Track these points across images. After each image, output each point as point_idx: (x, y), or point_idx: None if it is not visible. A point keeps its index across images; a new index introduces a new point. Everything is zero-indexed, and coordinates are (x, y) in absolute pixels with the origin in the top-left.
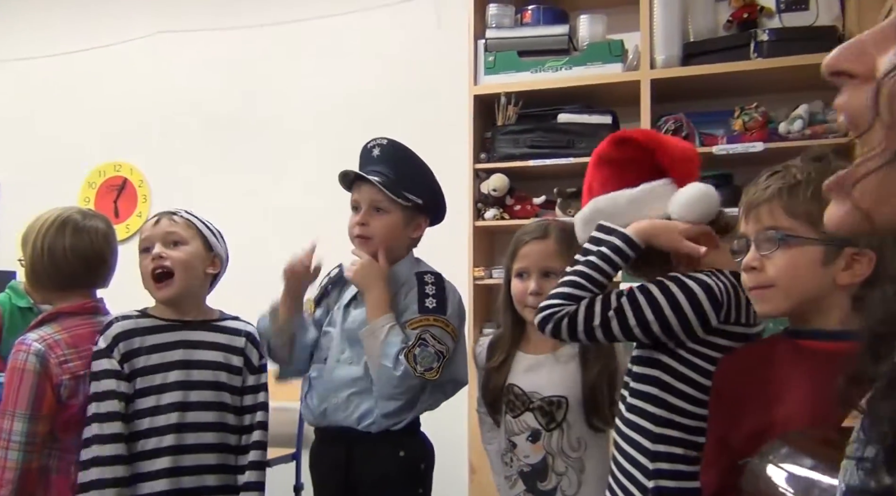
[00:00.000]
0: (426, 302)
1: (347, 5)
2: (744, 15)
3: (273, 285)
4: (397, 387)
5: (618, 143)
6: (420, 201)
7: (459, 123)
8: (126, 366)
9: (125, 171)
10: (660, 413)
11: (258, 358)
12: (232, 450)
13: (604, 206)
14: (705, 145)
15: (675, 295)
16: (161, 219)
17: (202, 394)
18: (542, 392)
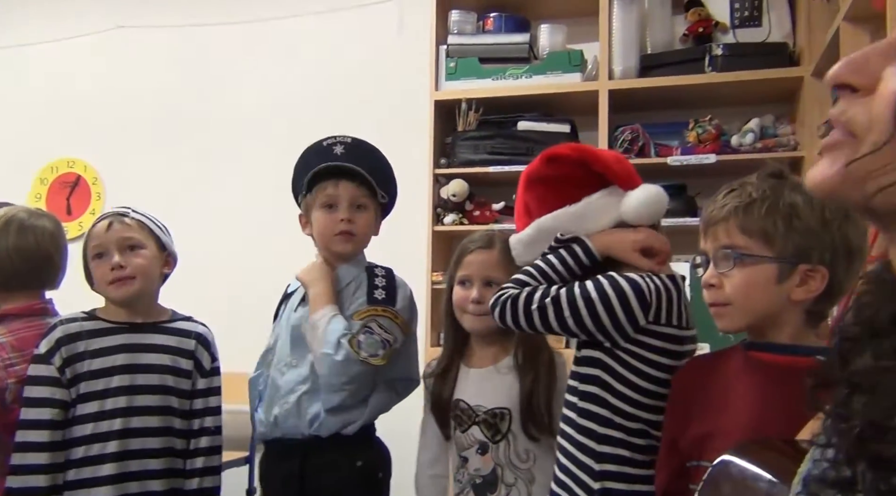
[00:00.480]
0: (375, 293)
1: (309, 7)
2: (699, 29)
3: (228, 283)
4: (340, 376)
5: (549, 161)
6: (387, 200)
7: (420, 128)
8: (68, 371)
9: (79, 167)
10: (603, 413)
11: (210, 360)
12: (180, 455)
13: (548, 226)
14: (660, 156)
15: (606, 291)
16: (112, 222)
17: (147, 398)
18: (485, 405)
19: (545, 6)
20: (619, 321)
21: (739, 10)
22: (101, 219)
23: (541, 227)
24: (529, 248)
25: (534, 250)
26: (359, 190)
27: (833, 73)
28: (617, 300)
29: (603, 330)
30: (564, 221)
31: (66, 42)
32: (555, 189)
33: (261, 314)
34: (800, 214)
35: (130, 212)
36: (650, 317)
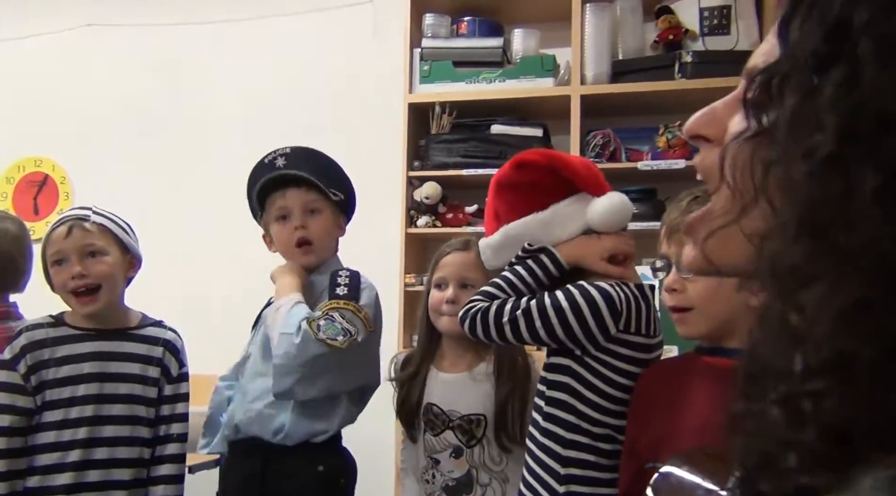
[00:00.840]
0: (337, 289)
1: (283, 8)
2: (669, 36)
3: (195, 285)
4: (296, 357)
5: (518, 167)
6: (342, 197)
7: (394, 131)
8: (33, 378)
9: (46, 166)
10: (570, 419)
11: (178, 367)
12: (146, 465)
13: (516, 232)
14: (631, 161)
15: (577, 301)
16: (72, 227)
17: (115, 407)
18: (460, 410)
19: (519, 11)
20: (590, 330)
21: (709, 18)
22: (60, 223)
23: (508, 233)
24: (497, 254)
25: (502, 256)
26: (308, 195)
27: (687, 126)
28: (588, 310)
29: (574, 339)
30: (532, 228)
31: (34, 39)
32: (524, 195)
33: (230, 317)
34: None
35: (91, 214)
36: (620, 325)
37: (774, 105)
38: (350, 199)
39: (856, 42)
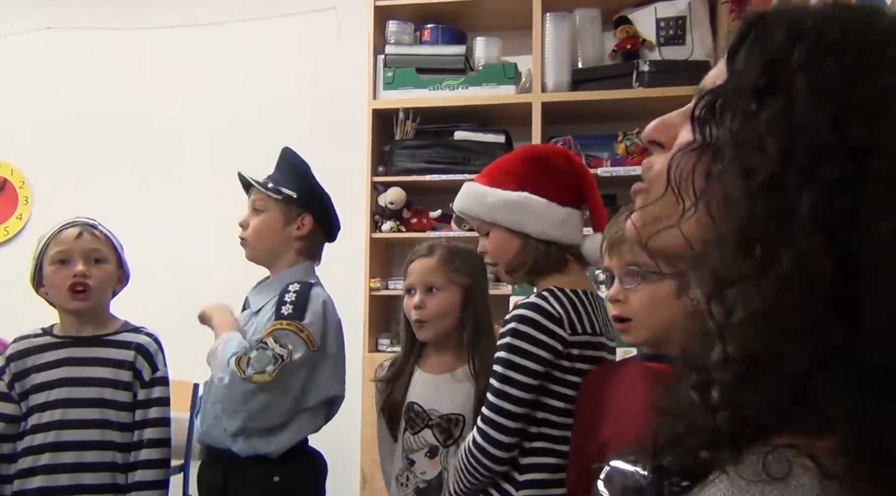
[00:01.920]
0: (282, 309)
1: (247, 12)
2: (627, 46)
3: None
4: (230, 399)
5: (565, 158)
6: (293, 194)
7: (358, 136)
8: (17, 385)
9: (5, 170)
10: (531, 430)
11: (151, 371)
12: (121, 469)
13: (533, 207)
14: (591, 167)
15: (518, 348)
16: (83, 232)
17: (83, 411)
18: (440, 410)
19: (480, 19)
20: (553, 349)
21: (665, 28)
22: (70, 225)
23: (529, 203)
24: (505, 209)
25: (507, 212)
26: (256, 193)
27: (644, 133)
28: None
29: (549, 367)
30: (549, 215)
31: None
32: (550, 178)
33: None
34: None
35: (99, 225)
36: (567, 329)
37: (717, 123)
38: (304, 196)
39: (792, 77)
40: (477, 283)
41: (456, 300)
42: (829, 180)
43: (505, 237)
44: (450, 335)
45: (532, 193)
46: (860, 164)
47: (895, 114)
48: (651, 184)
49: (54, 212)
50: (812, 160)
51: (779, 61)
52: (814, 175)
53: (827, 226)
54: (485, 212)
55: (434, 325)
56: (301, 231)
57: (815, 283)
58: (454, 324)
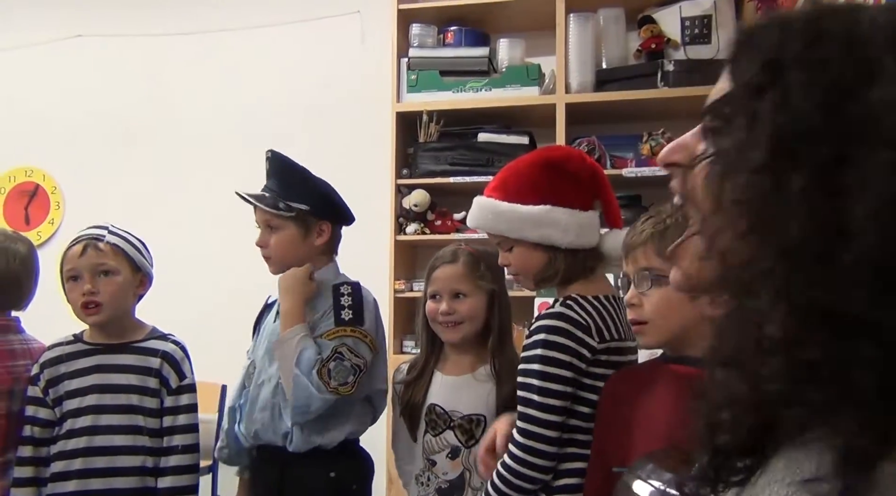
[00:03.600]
0: (342, 313)
1: (272, 18)
2: (652, 45)
3: (193, 293)
4: (313, 407)
5: (579, 160)
6: (306, 208)
7: (382, 139)
8: (51, 391)
9: (37, 176)
10: (562, 436)
11: (177, 378)
12: (151, 474)
13: (561, 221)
14: (616, 168)
15: (552, 358)
16: (87, 247)
17: (113, 417)
18: (461, 410)
19: (504, 21)
20: (580, 355)
21: (690, 27)
22: (76, 241)
23: (553, 215)
24: (531, 224)
25: (537, 229)
26: (266, 212)
27: (661, 157)
28: (562, 346)
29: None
30: (573, 222)
31: (25, 50)
32: (567, 183)
33: (220, 323)
34: None
35: (107, 234)
36: (595, 337)
37: (726, 130)
38: (318, 207)
39: (786, 71)
40: (501, 287)
41: (482, 304)
42: (820, 163)
43: (530, 252)
44: (471, 337)
45: (555, 205)
46: (854, 146)
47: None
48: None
49: (85, 216)
50: (800, 144)
51: (773, 60)
52: (802, 158)
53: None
54: (507, 229)
55: (463, 329)
56: (322, 238)
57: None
58: (480, 327)
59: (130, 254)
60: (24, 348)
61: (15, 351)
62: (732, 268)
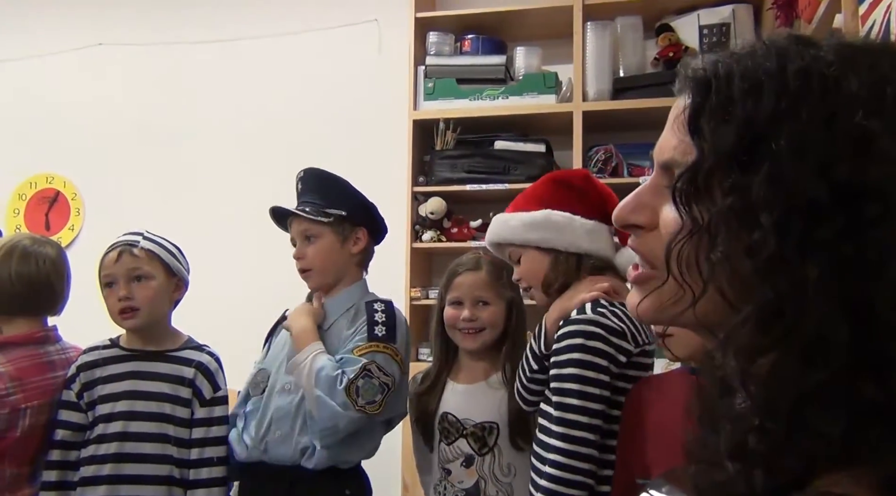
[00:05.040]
0: (375, 329)
1: (290, 26)
2: (669, 54)
3: (215, 302)
4: (336, 422)
5: (585, 178)
6: (343, 213)
7: (399, 147)
8: (86, 395)
9: (58, 183)
10: (606, 442)
11: (211, 390)
12: (178, 484)
13: (560, 223)
14: (633, 175)
15: (589, 362)
16: (122, 253)
17: (143, 425)
18: (474, 418)
19: (521, 29)
20: (613, 357)
21: (708, 35)
22: (112, 248)
23: (551, 217)
24: (530, 229)
25: (532, 232)
26: (302, 223)
27: (616, 218)
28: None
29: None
30: (575, 226)
31: (48, 58)
32: (577, 199)
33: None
34: None
35: (141, 240)
36: (630, 341)
37: (703, 199)
38: (355, 213)
39: (768, 136)
40: (519, 295)
41: (503, 312)
42: (829, 239)
43: (536, 257)
44: (488, 344)
45: (553, 209)
46: (857, 212)
47: (877, 152)
48: (649, 274)
49: (104, 222)
50: (809, 224)
51: (749, 122)
52: (814, 240)
53: (838, 283)
54: (511, 234)
55: (483, 336)
56: (359, 246)
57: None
58: (499, 334)
59: (165, 258)
60: (63, 358)
61: (54, 362)
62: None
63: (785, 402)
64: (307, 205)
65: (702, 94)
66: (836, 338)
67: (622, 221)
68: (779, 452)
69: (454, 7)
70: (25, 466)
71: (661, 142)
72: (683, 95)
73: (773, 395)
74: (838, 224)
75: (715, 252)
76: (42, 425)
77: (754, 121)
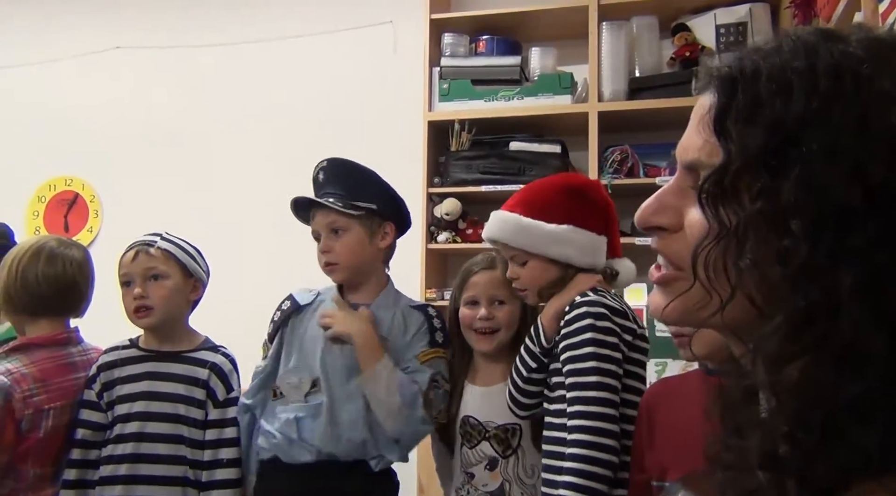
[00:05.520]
0: (436, 335)
1: (306, 28)
2: (686, 53)
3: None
4: (417, 437)
5: (599, 189)
6: (374, 206)
7: (414, 148)
8: (105, 395)
9: (76, 185)
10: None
11: (225, 391)
12: (193, 485)
13: (583, 243)
14: (649, 176)
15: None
16: (139, 253)
17: (158, 426)
18: (496, 420)
19: (536, 29)
20: (621, 336)
21: (725, 35)
22: (129, 248)
23: (573, 236)
24: (554, 242)
25: (559, 248)
26: (330, 214)
27: (640, 220)
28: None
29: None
30: (595, 243)
31: (64, 62)
32: (588, 208)
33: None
34: None
35: (158, 240)
36: (632, 320)
37: (731, 203)
38: (385, 206)
39: (799, 138)
40: None
41: (518, 311)
42: (863, 247)
43: (545, 267)
44: (504, 345)
45: (576, 226)
46: (891, 217)
47: None
48: (675, 275)
49: (122, 224)
50: (841, 230)
51: (779, 123)
52: (847, 247)
53: (872, 292)
54: (530, 244)
55: (498, 337)
56: (386, 241)
57: (874, 359)
58: (513, 335)
59: (182, 259)
60: (85, 360)
61: (76, 363)
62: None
63: (818, 412)
64: (332, 196)
65: (728, 94)
66: (871, 348)
67: (645, 223)
68: (812, 462)
69: (469, 8)
70: (48, 467)
71: (684, 141)
72: (708, 93)
73: (805, 404)
74: (872, 230)
75: (743, 258)
76: (64, 426)
77: (784, 122)
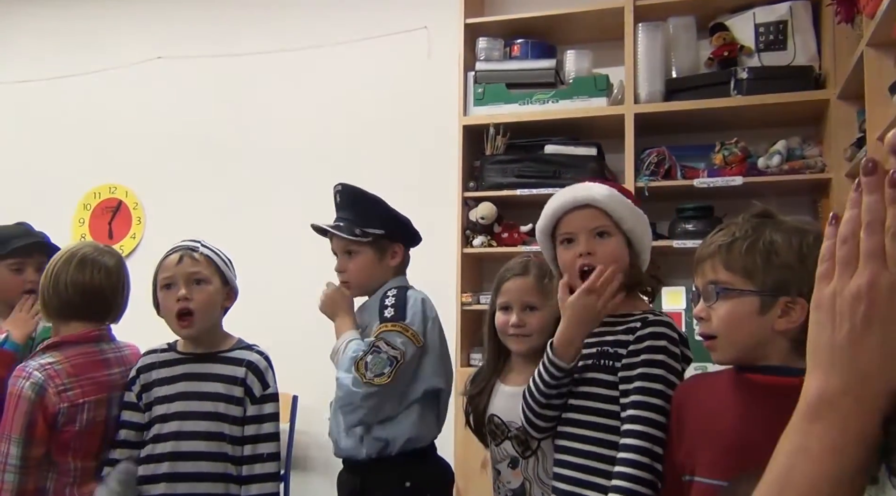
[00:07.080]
0: (385, 312)
1: (342, 35)
2: (724, 53)
3: (266, 307)
4: (352, 399)
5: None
6: (381, 232)
7: (449, 152)
8: (144, 396)
9: (120, 193)
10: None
11: (261, 387)
12: (234, 481)
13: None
14: (686, 178)
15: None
16: (183, 256)
17: (198, 424)
18: (517, 422)
19: (571, 32)
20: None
21: (764, 34)
22: (172, 251)
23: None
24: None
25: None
26: (342, 240)
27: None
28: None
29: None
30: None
31: (110, 72)
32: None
33: (292, 334)
34: (778, 251)
35: (200, 246)
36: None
37: None
38: (392, 231)
39: None
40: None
41: (552, 317)
42: None
43: (623, 247)
44: (539, 348)
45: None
46: None
47: None
48: None
49: (165, 231)
50: None
51: None
52: None
53: None
54: (628, 216)
55: (532, 340)
56: (396, 259)
57: None
58: (547, 338)
59: (221, 267)
60: (118, 356)
61: (109, 360)
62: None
63: None
64: (344, 221)
65: None
66: None
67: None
68: None
69: (503, 12)
70: (90, 461)
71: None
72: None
73: None
74: None
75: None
76: (101, 420)
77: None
